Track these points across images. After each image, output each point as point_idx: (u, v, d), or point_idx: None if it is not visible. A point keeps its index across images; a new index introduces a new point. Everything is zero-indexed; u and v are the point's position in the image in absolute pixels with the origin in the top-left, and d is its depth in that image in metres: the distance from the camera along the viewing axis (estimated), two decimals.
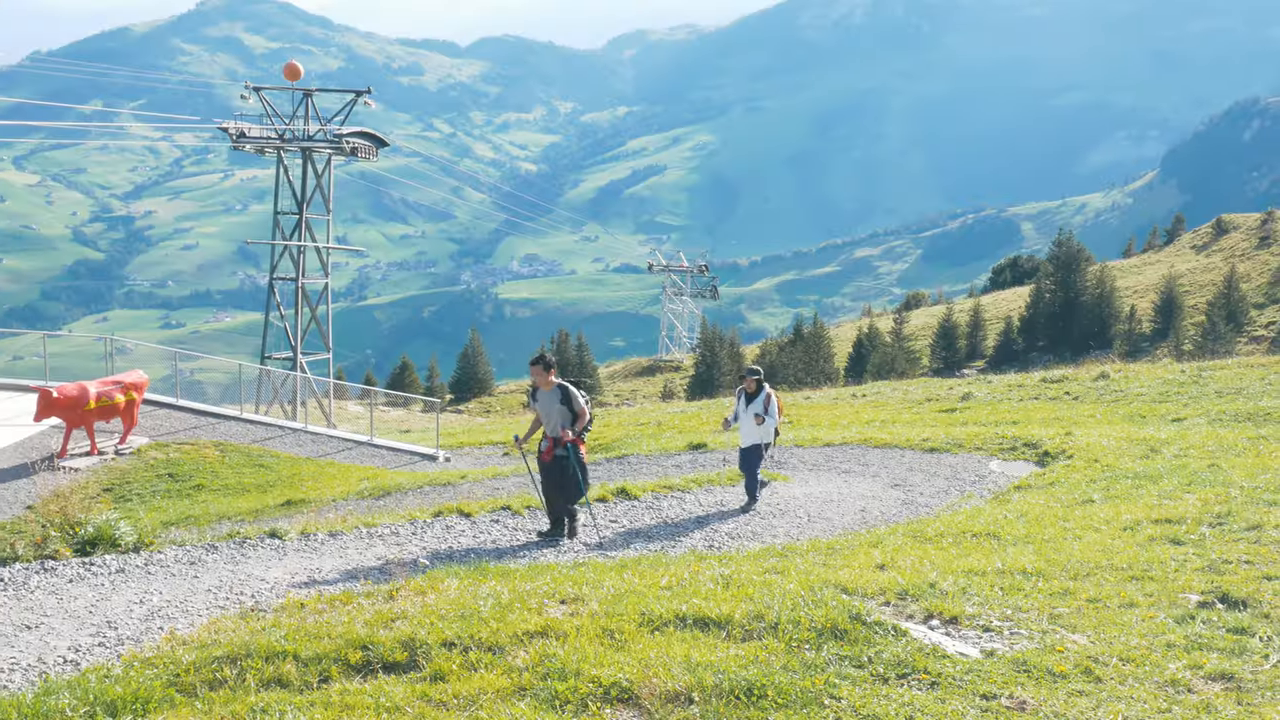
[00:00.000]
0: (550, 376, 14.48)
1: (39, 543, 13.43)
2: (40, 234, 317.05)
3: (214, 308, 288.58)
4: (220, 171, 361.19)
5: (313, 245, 55.65)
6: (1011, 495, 16.83)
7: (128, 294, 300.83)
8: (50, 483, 22.23)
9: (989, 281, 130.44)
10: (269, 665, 7.90)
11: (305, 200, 55.07)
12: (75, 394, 24.80)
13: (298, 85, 55.03)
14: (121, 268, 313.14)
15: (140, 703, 7.40)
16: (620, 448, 27.52)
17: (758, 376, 17.37)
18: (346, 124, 55.78)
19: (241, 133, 55.53)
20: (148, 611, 10.99)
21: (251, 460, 27.04)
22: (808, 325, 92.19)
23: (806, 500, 17.78)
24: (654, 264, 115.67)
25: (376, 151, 57.53)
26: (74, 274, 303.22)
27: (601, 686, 7.00)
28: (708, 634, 8.09)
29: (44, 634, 10.25)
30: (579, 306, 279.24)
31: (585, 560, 12.54)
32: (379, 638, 8.24)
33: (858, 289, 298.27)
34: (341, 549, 13.84)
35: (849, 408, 37.54)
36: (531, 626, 8.38)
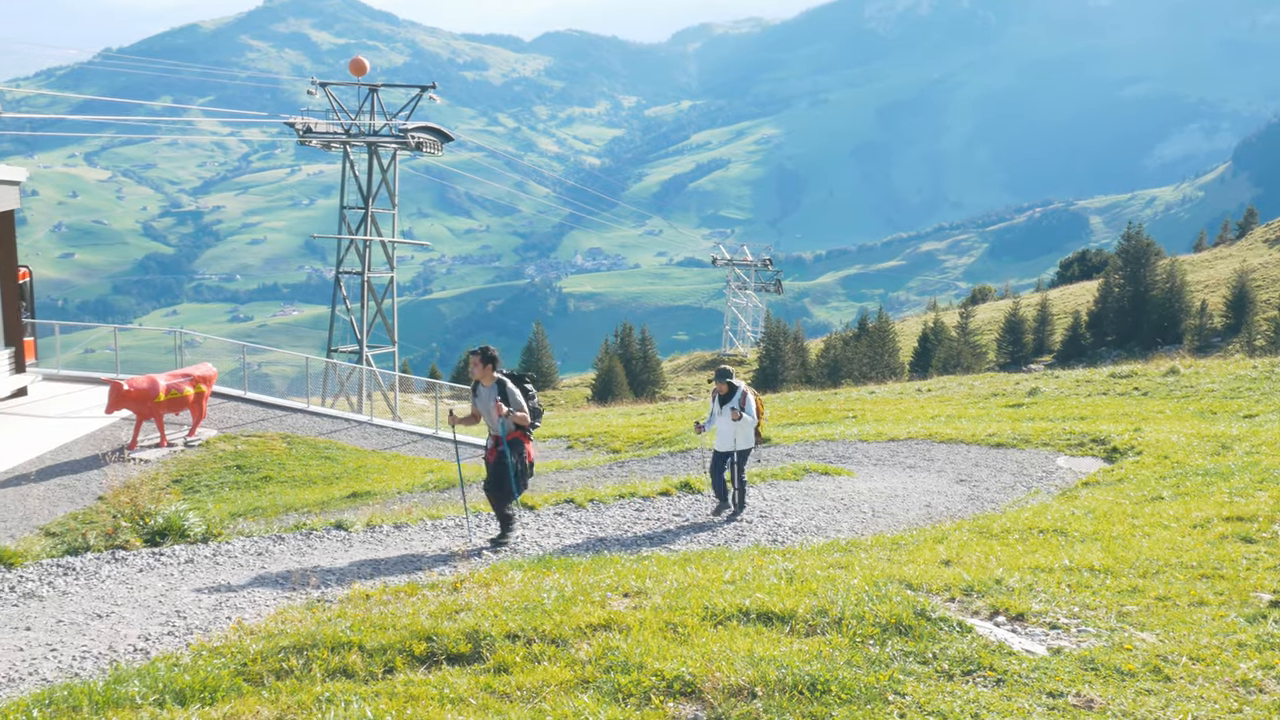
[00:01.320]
0: (490, 371, 13.66)
1: (110, 533, 13.62)
2: (111, 228, 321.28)
3: (281, 301, 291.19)
4: (287, 166, 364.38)
5: (378, 239, 56.04)
6: (1079, 491, 16.65)
7: (196, 288, 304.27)
8: (121, 474, 22.53)
9: (1056, 276, 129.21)
10: (335, 655, 7.96)
11: (371, 195, 55.46)
12: (145, 387, 25.12)
13: (363, 80, 55.43)
14: (190, 262, 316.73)
15: (208, 691, 7.48)
16: (683, 442, 27.51)
17: (728, 379, 15.82)
18: (412, 119, 56.11)
19: (308, 128, 56.02)
20: (215, 601, 11.11)
21: (318, 453, 27.28)
22: (872, 319, 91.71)
23: (871, 495, 17.68)
24: (718, 258, 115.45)
25: (441, 146, 57.85)
26: (144, 268, 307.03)
27: (664, 680, 7.00)
28: (771, 628, 8.07)
29: (114, 622, 10.39)
30: (642, 300, 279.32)
31: (649, 554, 12.54)
32: (443, 629, 8.29)
33: (923, 283, 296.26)
34: (406, 541, 13.93)
35: (914, 402, 37.30)
36: (595, 619, 8.39)
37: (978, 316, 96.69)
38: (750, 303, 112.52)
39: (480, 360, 13.64)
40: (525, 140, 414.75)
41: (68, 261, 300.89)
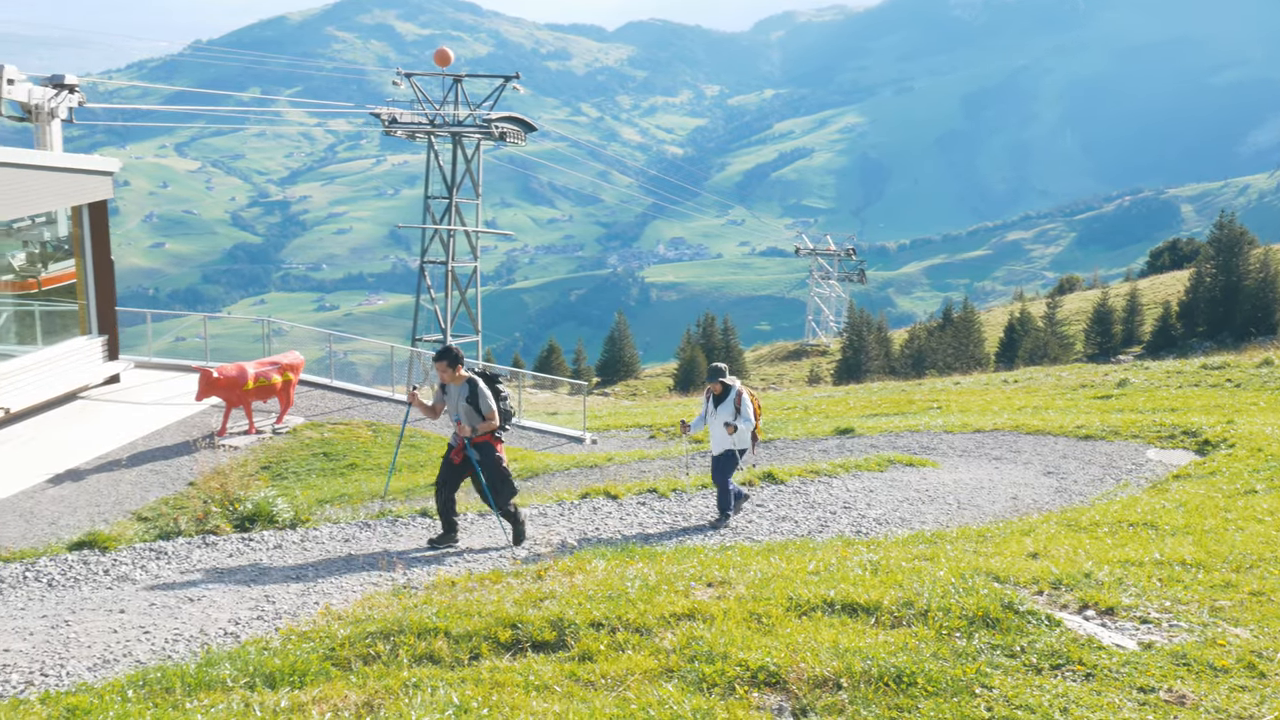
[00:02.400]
0: (457, 371, 13.11)
1: (201, 518, 13.85)
2: (201, 218, 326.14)
3: (366, 290, 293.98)
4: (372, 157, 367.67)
5: (462, 229, 56.39)
6: (1170, 484, 16.40)
7: (283, 277, 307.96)
8: (211, 460, 22.88)
9: (1146, 265, 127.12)
10: (421, 641, 8.04)
11: (455, 184, 55.81)
12: (234, 374, 25.47)
13: (448, 71, 55.75)
14: (278, 251, 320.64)
15: (297, 675, 7.58)
16: (766, 431, 27.44)
17: (722, 378, 15.02)
18: (495, 109, 56.37)
19: (393, 118, 56.48)
20: (303, 587, 11.26)
21: (404, 441, 27.52)
22: (957, 309, 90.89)
23: (956, 487, 17.53)
24: (801, 247, 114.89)
25: (525, 136, 58.05)
26: (233, 257, 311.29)
27: (749, 670, 6.99)
28: (856, 620, 8.03)
29: (205, 606, 10.56)
30: (725, 290, 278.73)
31: (732, 544, 12.53)
32: (528, 617, 8.34)
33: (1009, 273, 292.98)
34: (490, 529, 14.02)
35: (1000, 393, 36.93)
36: (679, 609, 8.40)
37: (1065, 307, 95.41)
38: (833, 293, 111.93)
39: (447, 364, 13.08)
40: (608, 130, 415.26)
41: (158, 251, 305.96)
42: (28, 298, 28.39)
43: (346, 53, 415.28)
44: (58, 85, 33.35)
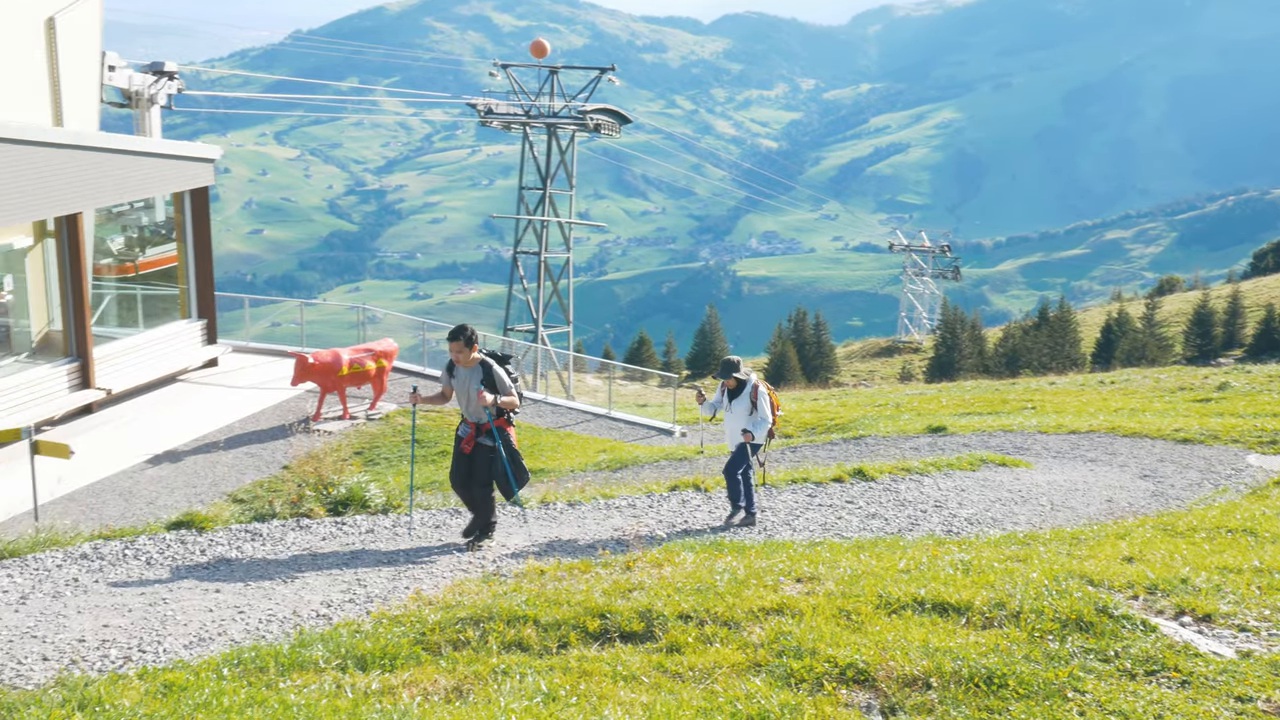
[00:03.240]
0: (472, 353, 12.40)
1: (295, 501, 14.04)
2: (298, 206, 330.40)
3: (459, 280, 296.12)
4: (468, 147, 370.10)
5: (556, 220, 56.64)
6: (1271, 491, 16.07)
7: (378, 265, 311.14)
8: (305, 444, 23.21)
9: (1249, 267, 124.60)
10: (510, 629, 8.10)
11: (549, 176, 56.07)
12: (329, 360, 25.80)
13: (544, 63, 56.03)
14: (373, 239, 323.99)
15: (388, 659, 7.68)
16: (857, 428, 27.27)
17: (736, 373, 14.18)
18: (591, 100, 56.55)
19: (489, 109, 56.89)
20: (394, 571, 11.38)
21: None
22: (1053, 309, 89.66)
23: (1050, 488, 17.31)
24: (894, 243, 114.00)
25: (619, 128, 58.19)
26: (329, 245, 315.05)
27: (837, 666, 6.96)
28: (946, 619, 7.97)
29: (298, 588, 10.71)
30: (817, 285, 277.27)
31: (821, 540, 12.48)
32: (616, 607, 8.36)
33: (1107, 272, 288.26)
34: (580, 519, 14.08)
35: (1095, 395, 36.39)
36: (767, 603, 8.39)
37: (1164, 308, 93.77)
38: (927, 289, 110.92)
39: (463, 343, 12.36)
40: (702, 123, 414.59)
41: (257, 238, 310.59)
42: (128, 281, 28.96)
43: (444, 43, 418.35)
44: (157, 72, 33.99)
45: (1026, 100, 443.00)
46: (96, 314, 26.58)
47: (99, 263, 27.27)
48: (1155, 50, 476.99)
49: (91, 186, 24.77)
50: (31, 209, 23.85)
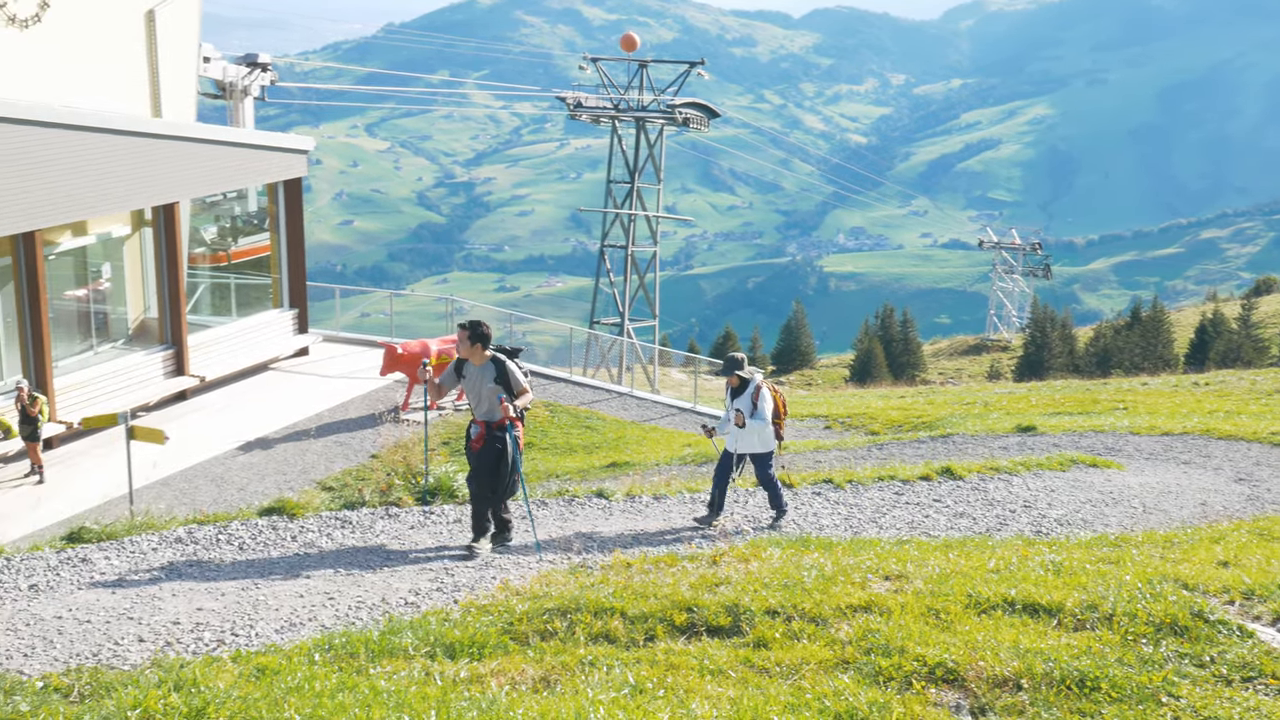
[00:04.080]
0: (481, 349, 11.92)
1: (384, 490, 14.20)
2: (388, 197, 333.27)
3: (546, 272, 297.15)
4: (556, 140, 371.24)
5: (643, 214, 56.72)
6: None
7: (466, 257, 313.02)
8: (393, 434, 23.44)
9: None
10: (597, 620, 8.13)
11: (637, 169, 56.15)
12: (418, 351, 26.02)
13: (633, 56, 56.09)
14: (461, 232, 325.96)
15: (476, 647, 7.73)
16: (944, 426, 27.02)
17: (738, 370, 13.53)
18: (679, 94, 56.55)
19: (579, 102, 57.12)
20: (481, 561, 11.46)
21: (579, 421, 27.79)
22: (1146, 308, 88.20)
23: (1141, 490, 17.04)
24: (984, 240, 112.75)
25: (708, 122, 58.15)
26: (417, 236, 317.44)
27: (926, 665, 6.91)
28: (1037, 621, 7.89)
29: (387, 576, 10.83)
30: (904, 282, 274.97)
31: (909, 538, 12.39)
32: (703, 601, 8.37)
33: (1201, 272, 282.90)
34: (665, 512, 14.08)
35: (1189, 396, 35.76)
36: (855, 601, 8.35)
37: (1261, 308, 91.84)
38: (1017, 287, 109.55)
39: (470, 337, 11.88)
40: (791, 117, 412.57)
41: (347, 228, 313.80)
42: (221, 270, 29.42)
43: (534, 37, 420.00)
44: (251, 64, 34.48)
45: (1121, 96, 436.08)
46: (191, 302, 27.01)
47: (193, 252, 27.72)
48: (1255, 46, 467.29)
49: (189, 176, 25.19)
50: (131, 198, 24.30)
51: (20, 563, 10.80)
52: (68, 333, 24.30)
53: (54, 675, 7.30)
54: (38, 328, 22.00)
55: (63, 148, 21.83)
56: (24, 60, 23.65)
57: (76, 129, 22.03)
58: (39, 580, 10.37)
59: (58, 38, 24.28)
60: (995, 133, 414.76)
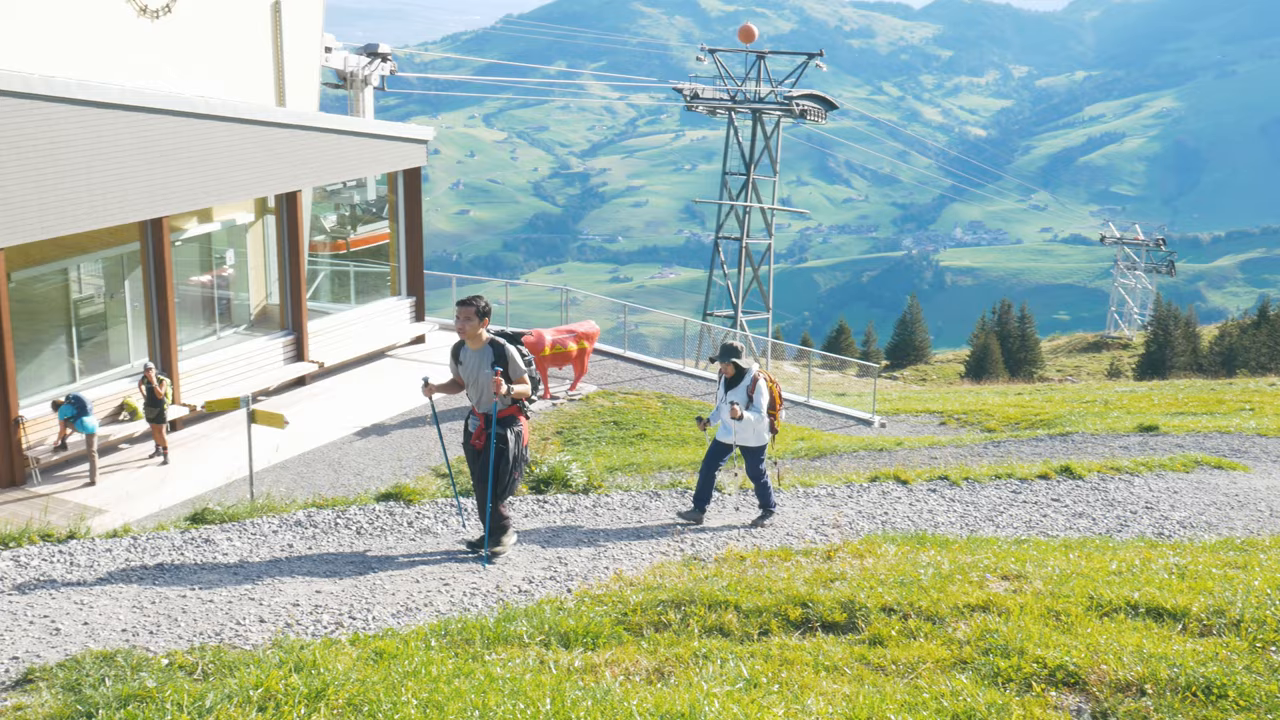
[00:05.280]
0: (482, 329, 11.03)
1: None
2: (504, 188, 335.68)
3: (659, 264, 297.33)
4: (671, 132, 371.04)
5: (758, 206, 56.54)
6: None
7: (580, 247, 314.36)
8: None
9: None
10: (711, 613, 8.11)
11: (753, 161, 55.98)
12: (532, 341, 26.19)
13: (751, 48, 55.95)
14: (575, 222, 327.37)
15: (590, 637, 7.76)
16: (1063, 425, 26.58)
17: (735, 358, 12.91)
18: (797, 86, 56.31)
19: (695, 94, 57.12)
20: (595, 551, 11.49)
21: (691, 413, 27.76)
22: (1275, 307, 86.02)
23: (1269, 493, 16.60)
24: (1106, 235, 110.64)
25: (825, 114, 57.83)
26: (533, 226, 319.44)
27: (1046, 668, 6.80)
28: (1161, 625, 7.72)
29: (501, 563, 10.89)
30: (1022, 277, 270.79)
31: (1027, 538, 12.19)
32: (818, 596, 8.31)
33: None
34: (778, 506, 14.01)
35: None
36: (972, 600, 8.24)
37: None
38: (1139, 284, 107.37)
39: (475, 314, 10.96)
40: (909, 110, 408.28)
41: (463, 218, 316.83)
42: (339, 258, 29.89)
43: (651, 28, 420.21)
44: (371, 54, 34.96)
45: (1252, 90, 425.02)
46: (311, 289, 27.46)
47: (313, 239, 28.18)
48: None
49: (312, 165, 25.60)
50: (256, 186, 24.76)
51: (146, 542, 11.05)
52: (192, 317, 24.85)
53: (179, 653, 7.46)
54: (164, 312, 22.52)
55: (192, 136, 22.31)
56: (155, 50, 24.20)
57: (206, 118, 22.50)
58: (164, 559, 10.60)
59: (187, 28, 24.81)
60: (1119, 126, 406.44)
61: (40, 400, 21.04)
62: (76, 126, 20.19)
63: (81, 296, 23.21)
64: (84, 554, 10.61)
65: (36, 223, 19.93)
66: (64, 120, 19.99)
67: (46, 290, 22.41)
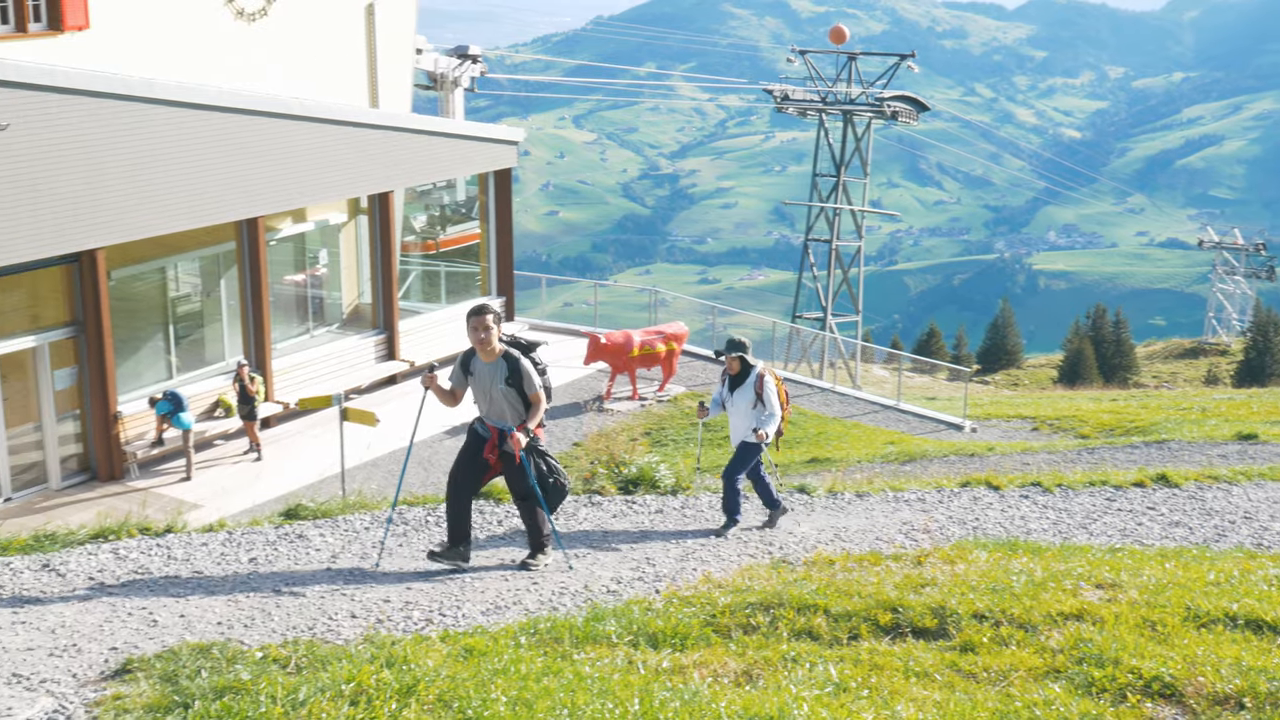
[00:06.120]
0: (494, 338, 10.19)
1: (587, 478, 14.33)
2: (594, 189, 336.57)
3: (748, 265, 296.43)
4: (761, 133, 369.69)
5: (848, 208, 56.26)
6: None
7: (669, 249, 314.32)
8: (596, 423, 23.70)
9: None
10: (800, 616, 8.08)
11: (843, 163, 55.70)
12: (621, 341, 26.28)
13: (842, 49, 55.71)
14: (664, 223, 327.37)
15: (679, 638, 7.76)
16: (1158, 432, 26.15)
17: (740, 353, 12.46)
18: (888, 87, 55.95)
19: (785, 95, 57.00)
20: (682, 552, 11.48)
21: None
22: None
23: None
24: (1204, 240, 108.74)
25: (916, 115, 57.45)
26: (621, 228, 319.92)
27: (1141, 679, 6.69)
28: (1260, 638, 7.57)
29: (590, 563, 10.92)
30: (1117, 281, 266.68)
31: (1121, 546, 12.00)
32: (909, 602, 8.24)
33: None
34: (867, 510, 13.91)
35: None
36: (1066, 608, 8.13)
37: None
38: (1238, 289, 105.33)
39: (492, 320, 10.18)
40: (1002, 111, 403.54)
41: (552, 219, 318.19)
42: (428, 258, 30.18)
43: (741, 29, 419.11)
44: (461, 56, 35.27)
45: None
46: (402, 289, 27.74)
47: (403, 240, 28.47)
48: None
49: (404, 166, 25.87)
50: (349, 186, 25.07)
51: (241, 537, 11.22)
52: (286, 316, 25.20)
53: (272, 646, 7.56)
54: (258, 311, 22.87)
55: (287, 137, 22.64)
56: (252, 52, 24.57)
57: (301, 119, 22.81)
58: (258, 554, 10.76)
59: (283, 31, 25.17)
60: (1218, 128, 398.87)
61: (138, 396, 21.47)
62: (175, 128, 20.58)
63: (179, 295, 23.64)
64: (180, 548, 10.80)
65: (136, 222, 20.35)
66: (163, 122, 20.39)
67: (145, 288, 22.85)
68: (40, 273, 20.09)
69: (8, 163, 18.23)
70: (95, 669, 7.46)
